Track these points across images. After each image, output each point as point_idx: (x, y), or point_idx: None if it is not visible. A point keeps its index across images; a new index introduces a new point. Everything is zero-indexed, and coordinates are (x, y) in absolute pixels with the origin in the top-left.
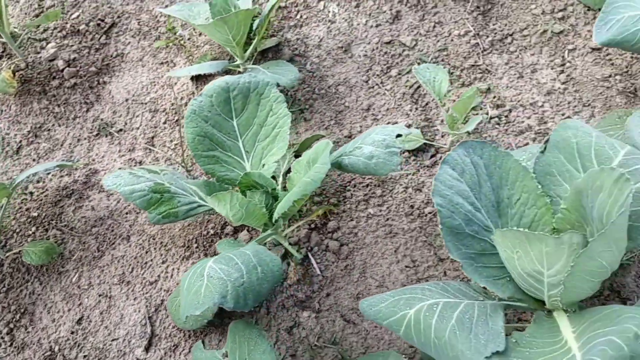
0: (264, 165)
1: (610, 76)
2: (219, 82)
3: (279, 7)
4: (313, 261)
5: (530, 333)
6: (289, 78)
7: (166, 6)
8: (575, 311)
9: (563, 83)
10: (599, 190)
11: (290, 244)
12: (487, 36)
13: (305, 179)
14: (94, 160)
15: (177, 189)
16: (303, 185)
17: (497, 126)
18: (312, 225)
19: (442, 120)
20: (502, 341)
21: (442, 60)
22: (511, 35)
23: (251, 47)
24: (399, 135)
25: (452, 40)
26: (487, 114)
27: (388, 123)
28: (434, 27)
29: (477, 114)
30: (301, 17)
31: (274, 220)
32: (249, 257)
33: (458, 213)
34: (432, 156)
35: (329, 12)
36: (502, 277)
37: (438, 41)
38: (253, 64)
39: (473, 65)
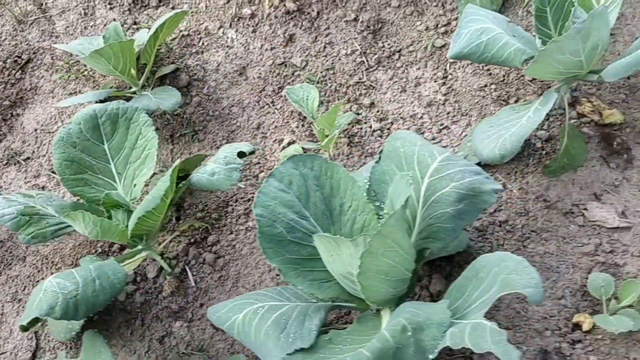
0: (135, 185)
1: (486, 86)
2: (87, 110)
3: (183, 36)
4: (189, 274)
5: (349, 331)
6: (171, 102)
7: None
8: (395, 309)
9: (444, 95)
10: (398, 196)
11: (169, 258)
12: (375, 54)
13: (147, 197)
14: (1, 187)
15: (49, 211)
16: (145, 203)
17: (379, 138)
18: (192, 240)
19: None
20: (311, 339)
21: (329, 78)
22: (399, 51)
23: (144, 74)
24: (241, 153)
25: (339, 59)
26: (370, 127)
27: (275, 140)
28: (325, 47)
29: (361, 128)
30: (203, 44)
31: (129, 236)
32: (89, 271)
33: (280, 222)
34: None
35: (228, 38)
36: (330, 279)
37: (327, 61)
38: (152, 90)
39: (358, 82)
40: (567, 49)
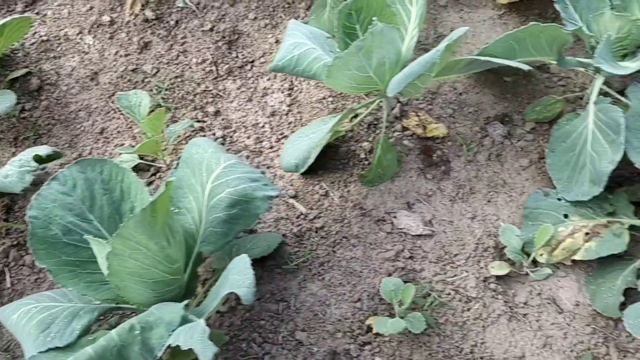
0: None
1: (324, 98)
2: None
3: (42, 41)
4: (7, 275)
5: None
6: (5, 105)
7: None
8: None
9: (288, 105)
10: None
11: None
12: (227, 64)
13: None
14: None
15: None
16: None
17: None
18: (15, 242)
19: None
20: (71, 339)
21: (177, 86)
22: (251, 62)
23: None
24: (38, 157)
25: (190, 67)
26: (213, 134)
27: (117, 145)
28: (178, 56)
29: (204, 135)
30: (61, 49)
31: None
32: None
33: (56, 224)
34: (152, 175)
35: (85, 44)
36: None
37: (178, 69)
38: None
39: (205, 91)
40: (351, 64)
